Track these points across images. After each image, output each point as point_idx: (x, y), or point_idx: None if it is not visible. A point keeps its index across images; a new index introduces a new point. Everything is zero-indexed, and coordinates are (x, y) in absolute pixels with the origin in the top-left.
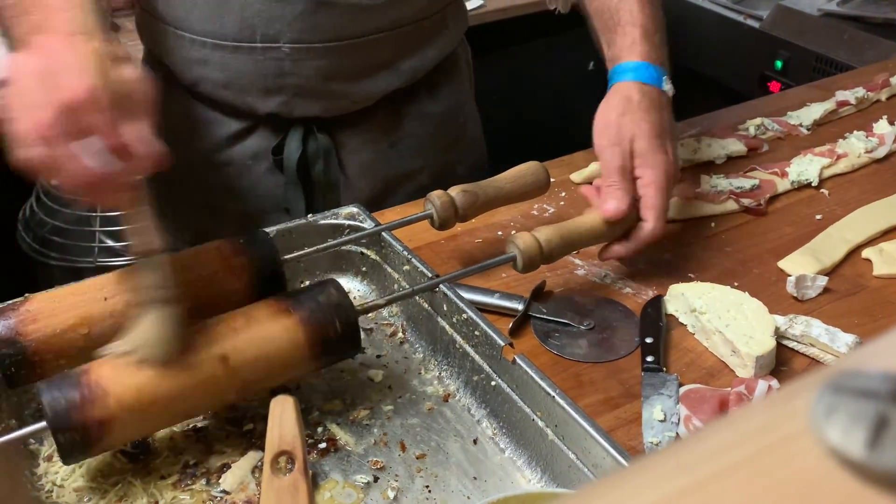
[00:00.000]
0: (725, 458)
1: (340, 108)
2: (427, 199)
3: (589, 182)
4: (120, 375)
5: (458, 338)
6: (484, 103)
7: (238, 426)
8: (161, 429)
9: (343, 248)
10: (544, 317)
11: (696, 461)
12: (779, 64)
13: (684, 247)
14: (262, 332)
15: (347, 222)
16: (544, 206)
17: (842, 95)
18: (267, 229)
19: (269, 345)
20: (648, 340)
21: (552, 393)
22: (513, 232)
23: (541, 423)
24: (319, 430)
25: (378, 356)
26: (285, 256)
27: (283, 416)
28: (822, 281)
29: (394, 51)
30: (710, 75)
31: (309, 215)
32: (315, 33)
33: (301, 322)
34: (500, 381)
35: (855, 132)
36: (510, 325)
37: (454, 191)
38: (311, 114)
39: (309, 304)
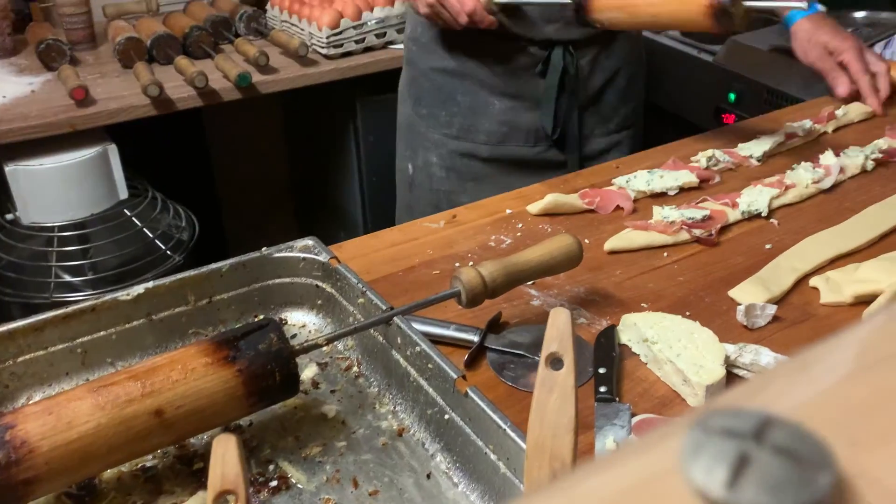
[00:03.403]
0: (598, 495)
1: (587, 34)
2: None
3: (545, 214)
4: (48, 432)
5: (413, 371)
6: None
7: (188, 465)
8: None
9: (298, 280)
10: (499, 348)
11: (573, 499)
12: (732, 97)
13: (637, 276)
14: (199, 384)
15: (302, 255)
16: (501, 237)
17: (790, 128)
18: (220, 263)
19: (205, 399)
20: (602, 371)
21: (503, 426)
22: (457, 264)
23: (493, 457)
24: (271, 467)
25: (332, 391)
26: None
27: (225, 455)
28: (772, 309)
29: None
30: (669, 108)
31: (263, 248)
32: None
33: (240, 374)
34: (453, 414)
35: (802, 163)
36: (466, 357)
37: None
38: (572, 38)
39: (249, 352)
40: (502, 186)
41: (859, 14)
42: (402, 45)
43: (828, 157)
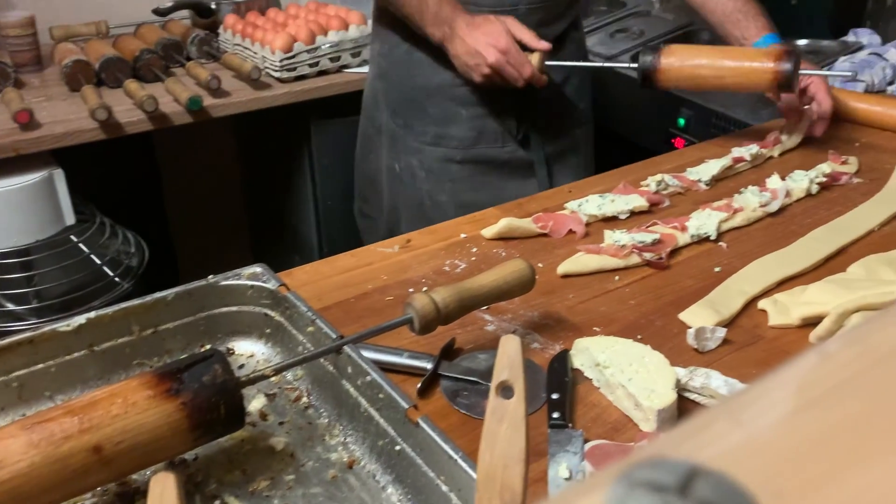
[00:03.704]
0: None
1: None
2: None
3: (499, 238)
4: None
5: (363, 401)
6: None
7: (129, 502)
8: None
9: (245, 308)
10: (452, 375)
11: None
12: (681, 121)
13: (589, 300)
14: (140, 419)
15: (250, 283)
16: (456, 262)
17: (737, 152)
18: (165, 292)
19: (147, 434)
20: (554, 396)
21: (455, 456)
22: (410, 290)
23: (444, 488)
24: (217, 503)
25: (281, 423)
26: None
27: (163, 494)
28: (721, 332)
29: (565, 7)
30: (623, 133)
31: (210, 276)
32: None
33: (184, 407)
34: (404, 445)
35: (750, 187)
36: (419, 385)
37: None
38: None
39: (193, 385)
40: (479, 184)
41: (801, 42)
42: (356, 69)
43: (774, 181)
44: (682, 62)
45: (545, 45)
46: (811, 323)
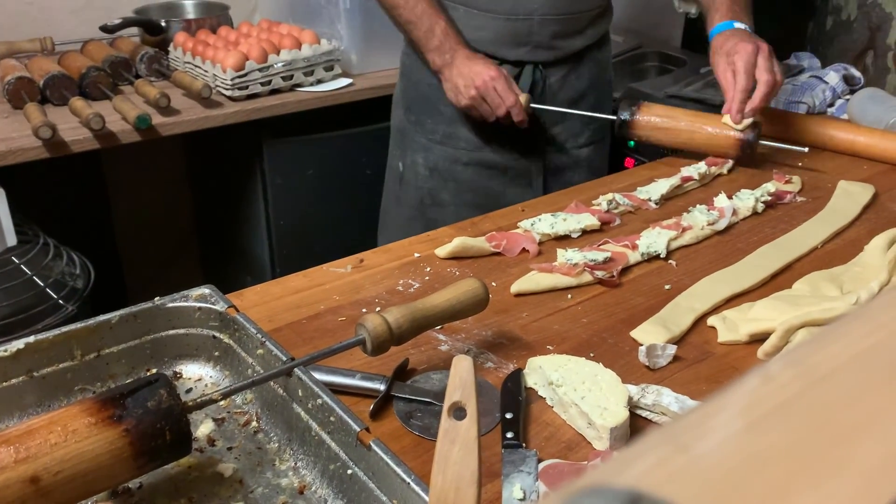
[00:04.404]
0: None
1: (555, 56)
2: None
3: (453, 257)
4: None
5: (314, 424)
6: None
7: None
8: None
9: (193, 331)
10: (406, 396)
11: None
12: (632, 142)
13: (543, 318)
14: (80, 447)
15: (198, 304)
16: (410, 281)
17: (686, 171)
18: (109, 315)
19: (88, 462)
20: (508, 416)
21: (407, 479)
22: (363, 310)
23: None
24: None
25: (229, 448)
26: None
27: None
28: (672, 349)
29: (586, 23)
30: None
31: (156, 298)
32: (555, 9)
33: (127, 434)
34: (356, 469)
35: (698, 206)
36: (371, 406)
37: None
38: (540, 59)
39: (136, 410)
40: (481, 187)
41: None
42: (308, 88)
43: (721, 200)
44: (653, 117)
45: (525, 95)
46: (759, 339)
